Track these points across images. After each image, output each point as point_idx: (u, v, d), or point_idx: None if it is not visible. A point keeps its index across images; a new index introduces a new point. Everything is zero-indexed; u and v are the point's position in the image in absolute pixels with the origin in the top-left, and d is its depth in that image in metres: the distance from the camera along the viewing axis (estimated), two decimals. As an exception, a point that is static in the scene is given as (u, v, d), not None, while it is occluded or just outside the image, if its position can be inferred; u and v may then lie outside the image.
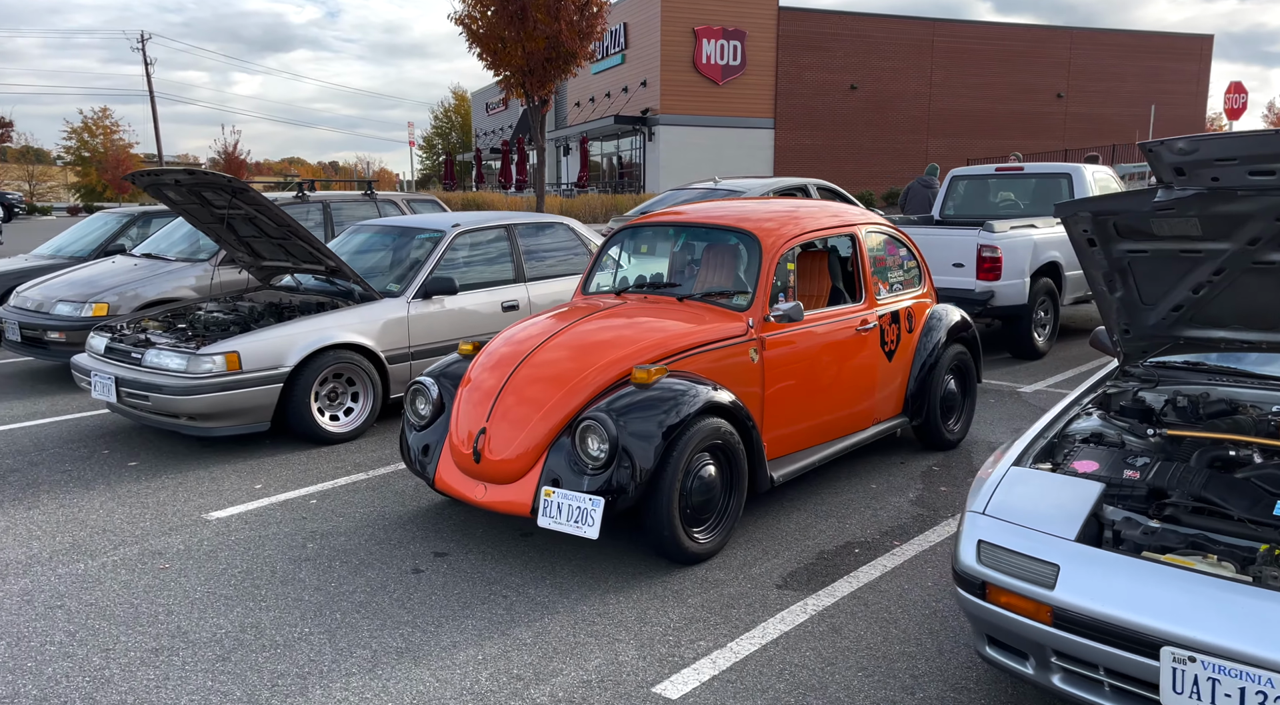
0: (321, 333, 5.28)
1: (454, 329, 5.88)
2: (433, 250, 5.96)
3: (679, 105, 33.49)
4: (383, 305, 5.59)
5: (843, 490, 4.35)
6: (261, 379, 5.05)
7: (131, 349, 5.20)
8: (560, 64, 13.29)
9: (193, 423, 4.97)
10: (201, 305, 6.10)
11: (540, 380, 3.58)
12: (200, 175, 5.18)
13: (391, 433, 5.57)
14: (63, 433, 5.63)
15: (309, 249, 5.58)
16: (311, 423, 5.22)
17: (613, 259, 4.63)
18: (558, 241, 6.69)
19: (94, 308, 6.76)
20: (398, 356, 5.62)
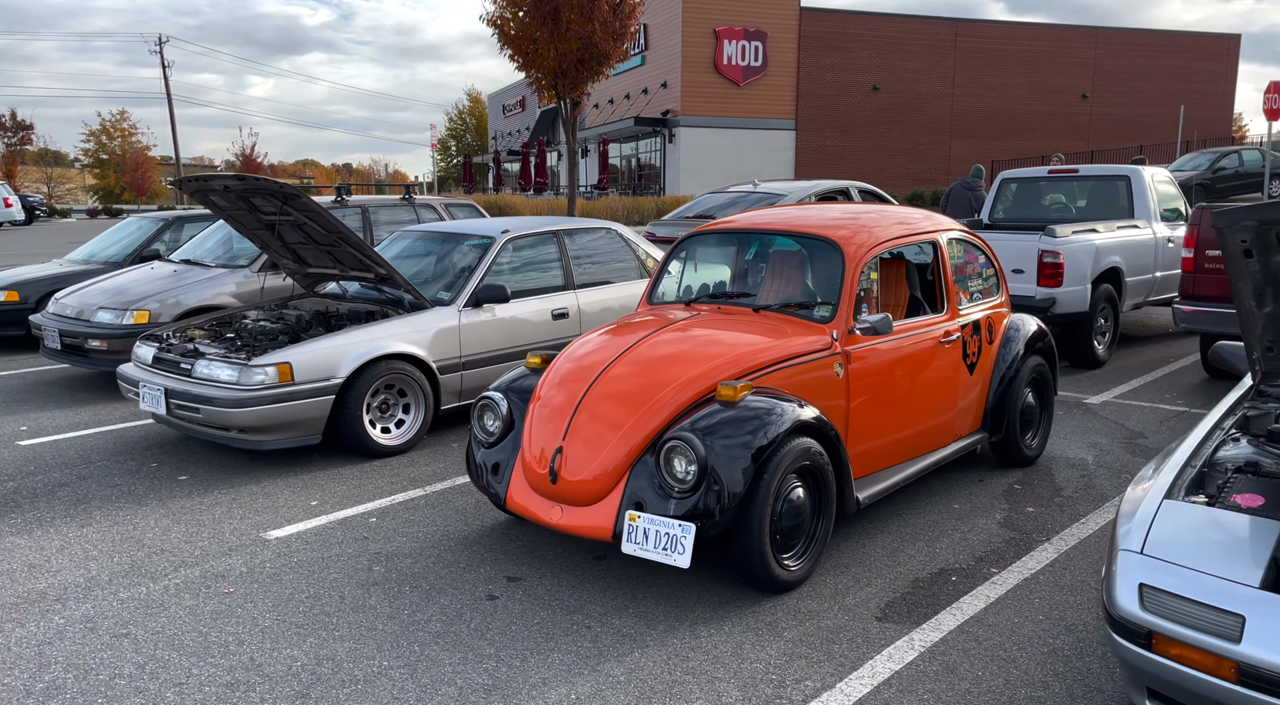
0: (374, 343, 5.14)
1: (505, 338, 5.73)
2: (482, 257, 5.82)
3: (700, 107, 33.30)
4: (434, 314, 5.45)
5: (925, 510, 4.16)
6: (314, 390, 4.92)
7: (180, 359, 5.08)
8: (593, 65, 13.14)
9: (243, 436, 4.84)
10: (247, 314, 5.98)
11: (618, 397, 3.42)
12: (251, 181, 5.06)
13: (443, 445, 5.42)
14: (108, 444, 5.52)
15: (359, 256, 5.45)
16: (364, 435, 5.09)
17: (679, 267, 4.46)
18: (605, 247, 6.53)
19: (135, 315, 6.66)
20: (449, 366, 5.47)
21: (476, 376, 5.63)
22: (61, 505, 4.45)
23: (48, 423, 6.00)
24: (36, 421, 6.03)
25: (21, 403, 6.56)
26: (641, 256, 6.70)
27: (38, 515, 4.31)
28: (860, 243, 3.87)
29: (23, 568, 3.70)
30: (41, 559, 3.79)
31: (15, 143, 57.91)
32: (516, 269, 5.97)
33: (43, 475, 4.92)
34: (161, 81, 60.47)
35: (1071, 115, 36.87)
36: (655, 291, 4.47)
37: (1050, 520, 4.01)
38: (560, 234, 6.28)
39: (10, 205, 34.67)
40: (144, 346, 5.44)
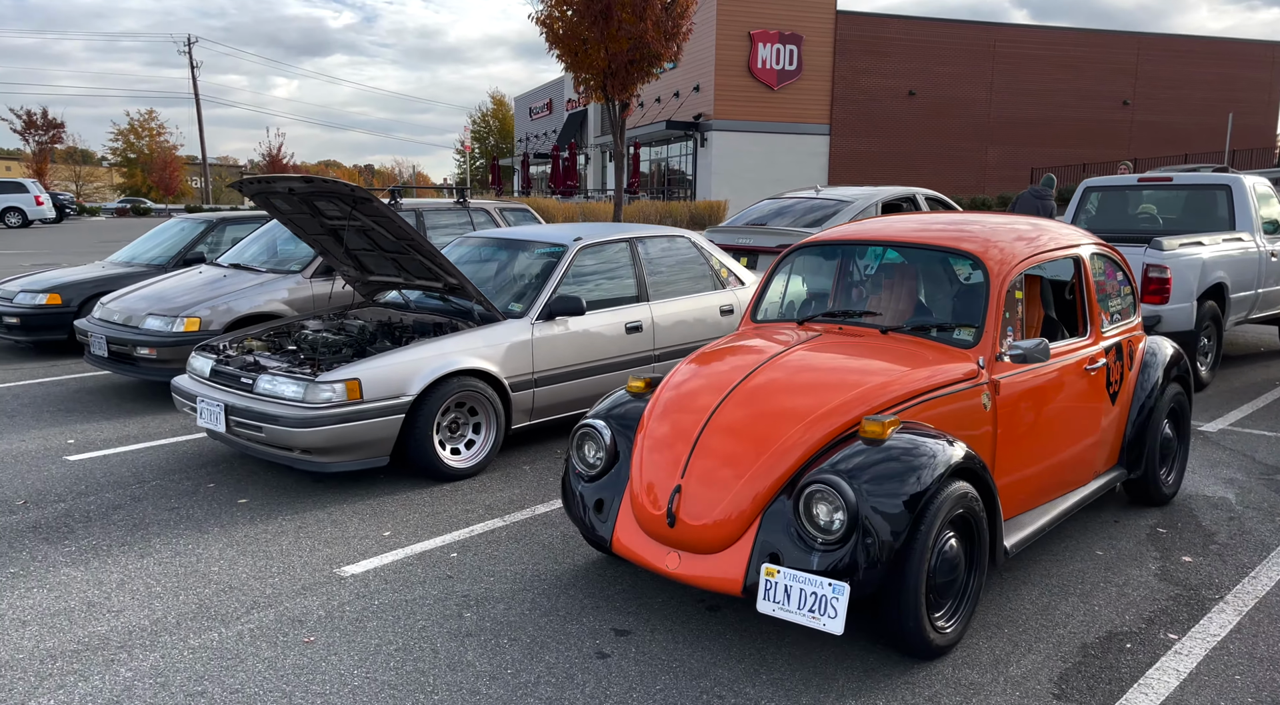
0: (446, 357, 4.80)
1: (577, 353, 5.38)
2: (554, 266, 5.47)
3: (733, 110, 32.93)
4: (506, 327, 5.11)
5: (1065, 558, 3.76)
6: (383, 409, 4.58)
7: (241, 373, 4.76)
8: (643, 66, 12.79)
9: (307, 456, 4.52)
10: (306, 324, 5.67)
11: (743, 431, 3.05)
12: (319, 184, 4.74)
13: (513, 468, 5.07)
14: (160, 460, 5.21)
15: (429, 265, 5.12)
16: (434, 457, 4.75)
17: (784, 281, 4.09)
18: (679, 256, 6.17)
19: (185, 322, 6.37)
20: (521, 383, 5.13)
21: (548, 394, 5.28)
22: (117, 531, 4.14)
23: (95, 436, 5.72)
24: (84, 434, 5.75)
25: (67, 413, 6.28)
26: (715, 267, 6.33)
27: (93, 542, 4.00)
28: (1005, 257, 3.48)
29: (81, 606, 3.38)
30: (101, 596, 3.47)
31: (47, 141, 58.46)
32: (588, 279, 5.62)
33: (95, 496, 4.62)
34: (187, 82, 61.08)
35: (1112, 122, 36.15)
36: (759, 308, 4.10)
37: (1214, 573, 3.59)
38: (633, 242, 5.93)
39: (42, 203, 34.76)
40: (200, 358, 5.13)
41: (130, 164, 66.65)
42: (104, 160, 76.75)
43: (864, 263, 3.91)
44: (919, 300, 3.67)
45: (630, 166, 32.18)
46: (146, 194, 64.70)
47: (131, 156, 66.48)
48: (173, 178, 65.28)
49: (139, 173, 65.97)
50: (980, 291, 3.43)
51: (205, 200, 61.15)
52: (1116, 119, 36.28)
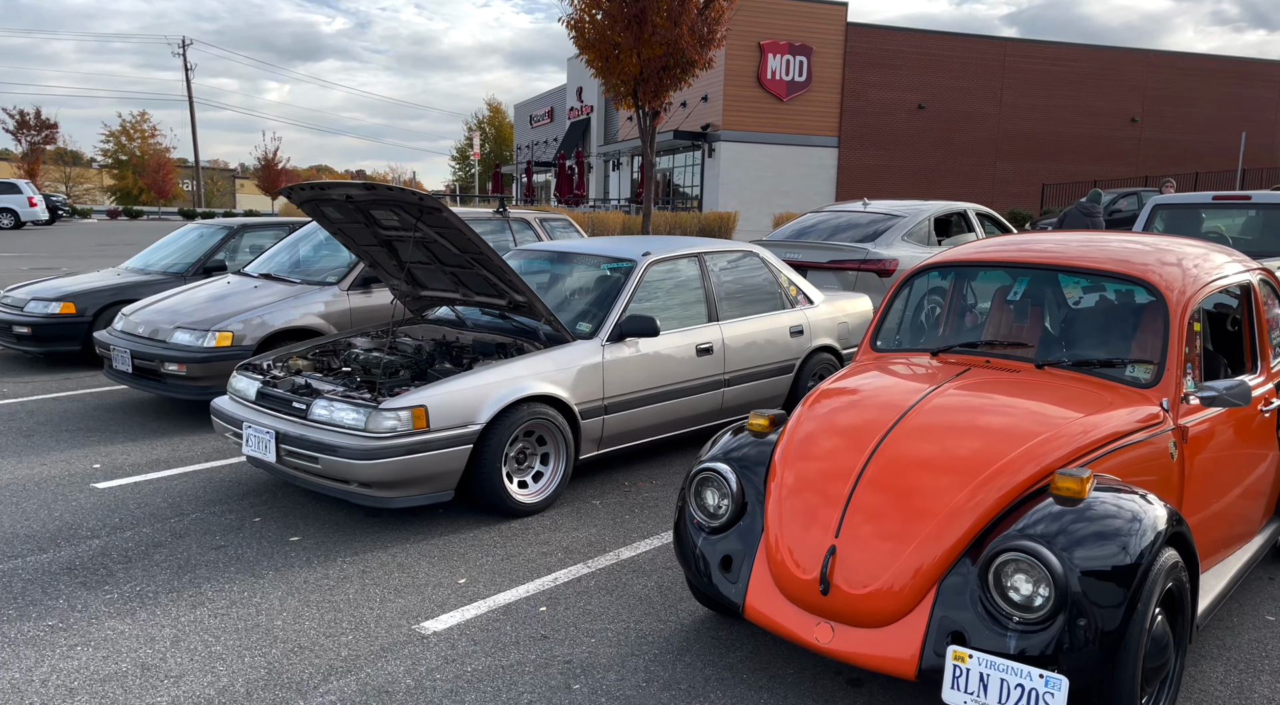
0: (516, 382, 4.41)
1: (648, 377, 4.99)
2: (624, 283, 5.09)
3: (742, 121, 32.65)
4: (575, 349, 4.71)
5: (1235, 625, 3.37)
6: (451, 439, 4.18)
7: (293, 397, 4.35)
8: (676, 73, 12.43)
9: (366, 490, 4.11)
10: (354, 342, 5.27)
11: (910, 485, 2.66)
12: (383, 191, 4.35)
13: (582, 503, 4.67)
14: (197, 489, 4.79)
15: (494, 280, 4.72)
16: (502, 491, 4.34)
17: (904, 305, 3.71)
18: (747, 272, 5.79)
19: (217, 337, 5.95)
20: (591, 410, 4.74)
21: (618, 422, 4.88)
22: (162, 574, 3.72)
23: (122, 460, 5.29)
24: (110, 458, 5.32)
25: (88, 433, 5.85)
26: (784, 284, 5.95)
27: (137, 588, 3.58)
28: (1184, 284, 3.11)
29: (135, 670, 2.96)
30: (155, 656, 3.05)
31: (39, 142, 57.79)
32: (656, 297, 5.23)
33: (131, 530, 4.20)
34: (177, 84, 60.85)
35: (1120, 139, 36.02)
36: (879, 335, 3.72)
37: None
38: (701, 257, 5.55)
39: (35, 205, 34.13)
40: (244, 379, 4.72)
41: (121, 166, 65.91)
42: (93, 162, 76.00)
43: (1006, 286, 3.53)
44: (1077, 331, 3.30)
45: (640, 176, 31.79)
46: (137, 196, 63.95)
47: (123, 158, 65.74)
48: (166, 180, 64.65)
49: (130, 175, 65.23)
50: (1157, 323, 3.06)
51: (197, 204, 60.54)
52: (1124, 136, 36.16)
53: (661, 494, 4.81)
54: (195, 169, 62.88)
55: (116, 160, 66.49)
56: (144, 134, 66.07)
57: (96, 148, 74.03)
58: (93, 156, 74.74)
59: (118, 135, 65.57)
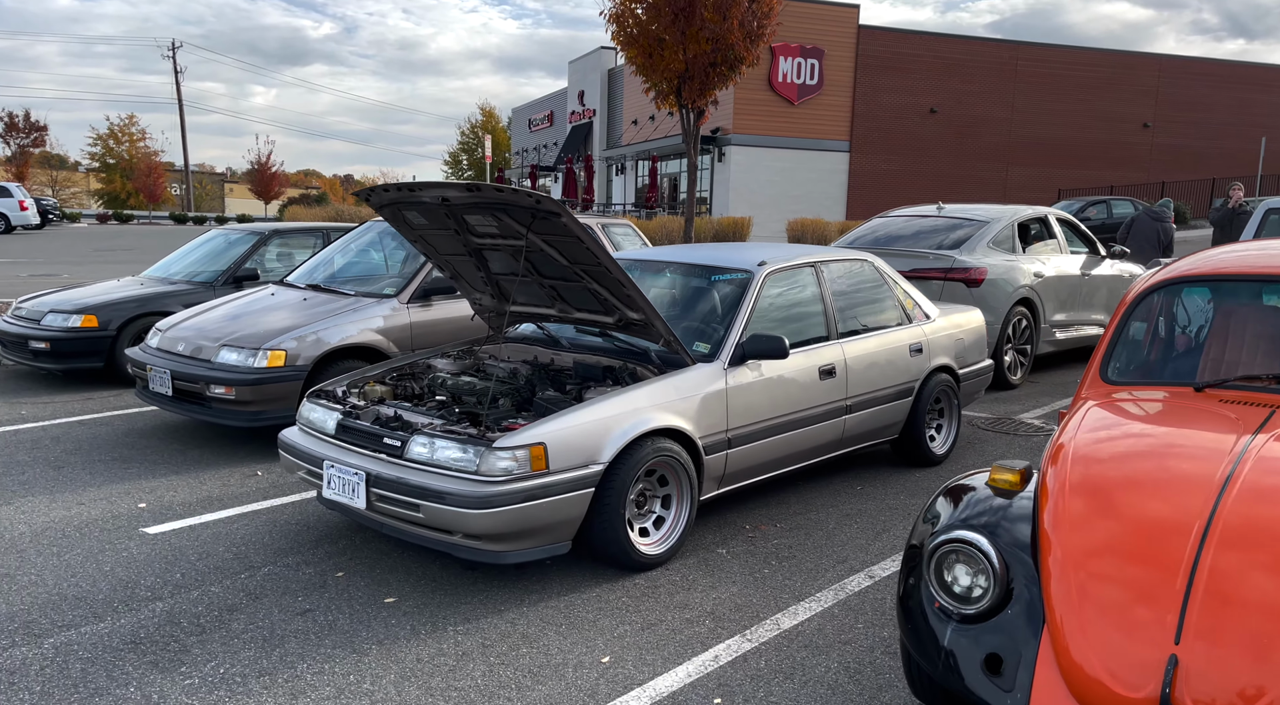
0: (639, 415, 3.82)
1: (771, 405, 4.41)
2: (741, 297, 4.51)
3: (752, 125, 32.15)
4: (695, 374, 4.13)
5: None
6: (572, 481, 3.59)
7: (384, 432, 3.76)
8: (724, 70, 11.86)
9: (474, 543, 3.51)
10: (433, 363, 4.68)
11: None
12: (489, 193, 3.76)
13: (706, 552, 4.08)
14: (262, 535, 4.18)
15: (605, 295, 4.13)
16: (625, 541, 3.75)
17: (1145, 327, 3.15)
18: (863, 283, 5.22)
19: (269, 356, 5.34)
20: (714, 444, 4.15)
21: (741, 457, 4.30)
22: (246, 650, 3.12)
23: (170, 497, 4.68)
24: (155, 495, 4.71)
25: (125, 464, 5.23)
26: (900, 296, 5.39)
27: (220, 669, 2.98)
28: None
29: (243, 794, 2.37)
30: (263, 772, 2.46)
31: (28, 145, 56.83)
32: (771, 312, 4.65)
33: (198, 589, 3.60)
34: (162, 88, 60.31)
35: (1133, 145, 35.70)
36: (1111, 362, 3.14)
37: None
38: (817, 266, 4.98)
39: (26, 208, 33.36)
40: (318, 408, 4.12)
41: (109, 169, 64.94)
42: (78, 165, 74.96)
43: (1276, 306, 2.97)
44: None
45: (650, 180, 31.27)
46: (125, 200, 63.00)
47: (111, 162, 64.77)
48: (157, 184, 63.76)
49: (118, 178, 64.28)
50: None
51: (187, 208, 59.69)
52: (1136, 141, 35.85)
53: (791, 539, 4.23)
54: (185, 173, 62.00)
55: (104, 164, 65.52)
56: (132, 137, 65.17)
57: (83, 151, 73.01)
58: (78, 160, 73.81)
59: (105, 138, 64.62)
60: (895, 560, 3.94)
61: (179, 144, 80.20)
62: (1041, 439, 6.04)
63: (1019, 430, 6.26)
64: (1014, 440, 6.01)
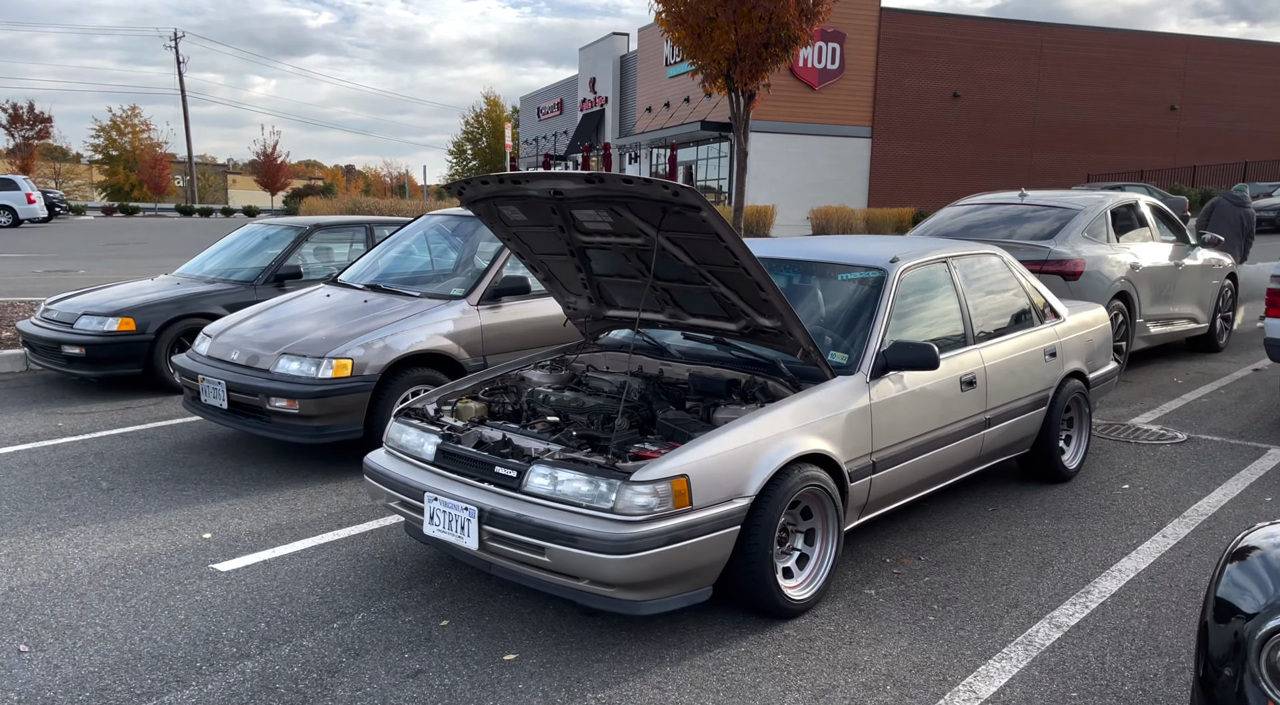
0: (784, 438, 3.33)
1: (914, 422, 3.91)
2: (877, 299, 4.00)
3: (772, 111, 31.42)
4: (836, 388, 3.63)
5: None
6: (718, 519, 3.11)
7: (495, 460, 3.27)
8: (777, 51, 11.29)
9: (605, 591, 3.03)
10: (526, 376, 4.20)
11: None
12: (615, 184, 3.26)
13: (853, 593, 3.60)
14: (346, 573, 3.71)
15: (734, 299, 3.64)
16: (773, 585, 3.27)
17: None
18: (993, 280, 4.71)
19: (334, 366, 4.86)
20: (859, 469, 3.66)
21: (884, 482, 3.81)
22: (362, 729, 2.65)
23: (236, 526, 4.21)
24: (219, 523, 4.24)
25: (180, 485, 4.76)
26: (1031, 293, 4.89)
27: (337, 757, 2.51)
28: None
29: None
30: None
31: (33, 137, 56.30)
32: (908, 316, 4.16)
33: (288, 643, 3.13)
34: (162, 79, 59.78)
35: (1160, 128, 35.02)
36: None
37: None
38: (949, 262, 4.47)
39: (34, 202, 32.84)
40: (411, 430, 3.64)
41: (113, 161, 64.33)
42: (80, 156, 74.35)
43: None
44: None
45: (669, 169, 30.71)
46: (129, 192, 62.45)
47: (114, 154, 64.16)
48: (162, 176, 63.21)
49: (121, 170, 63.71)
50: None
51: (191, 200, 59.15)
52: (1163, 125, 35.16)
53: (943, 576, 3.74)
54: (189, 164, 61.50)
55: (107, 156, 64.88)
56: (135, 129, 64.54)
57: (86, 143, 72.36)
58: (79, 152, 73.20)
59: (108, 130, 63.99)
60: (1076, 605, 3.45)
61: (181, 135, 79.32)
62: (1168, 447, 5.54)
63: (1139, 437, 5.76)
64: (1140, 449, 5.51)
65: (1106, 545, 4.03)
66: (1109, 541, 4.07)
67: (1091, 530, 4.20)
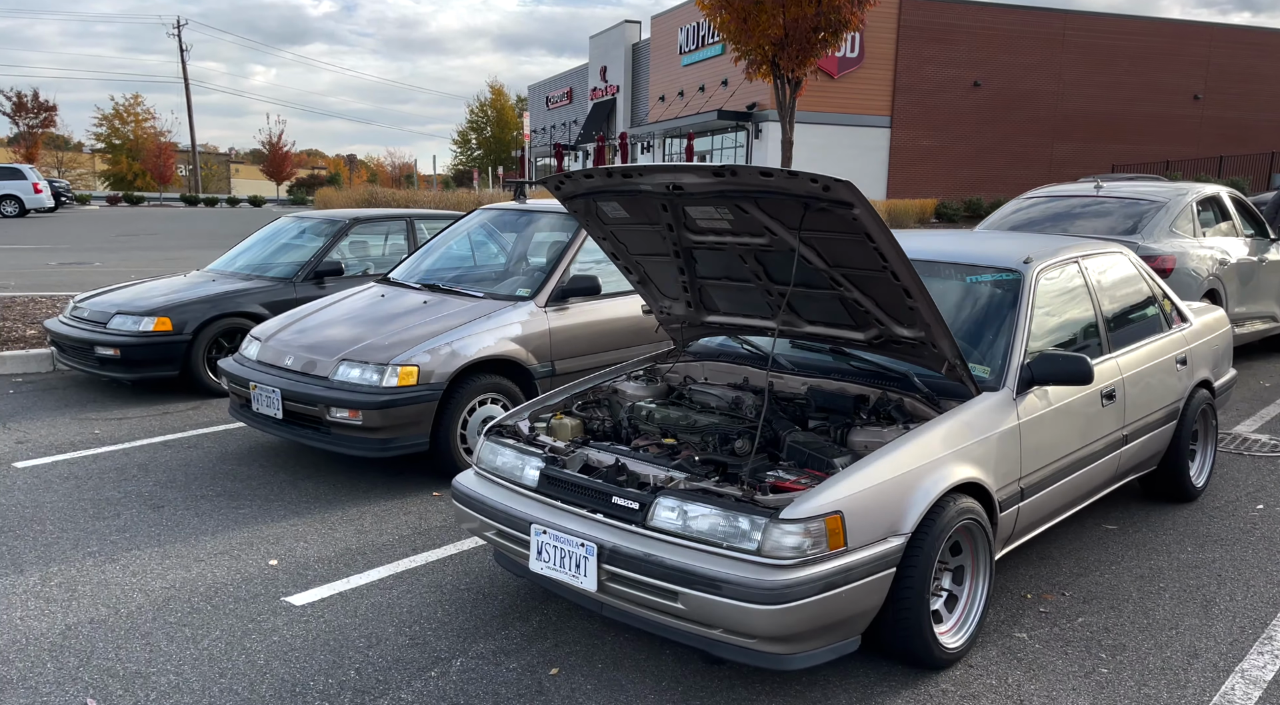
0: (938, 466, 2.95)
1: (1058, 442, 3.52)
2: (1015, 304, 3.61)
3: (790, 100, 30.97)
4: (984, 406, 3.24)
5: None
6: (874, 561, 2.73)
7: (611, 489, 2.90)
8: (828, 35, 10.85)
9: (746, 642, 2.66)
10: (619, 387, 3.82)
11: None
12: (752, 177, 2.87)
13: (1000, 636, 3.22)
14: (431, 607, 3.35)
15: (869, 307, 3.25)
16: (928, 632, 2.89)
17: None
18: (1124, 282, 4.31)
19: (399, 374, 4.49)
20: (1008, 497, 3.29)
21: (1030, 509, 3.44)
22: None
23: (304, 552, 3.84)
24: (285, 548, 3.87)
25: (234, 503, 4.39)
26: (1159, 296, 4.50)
27: None
28: None
29: None
30: None
31: (37, 125, 55.78)
32: (1041, 322, 3.76)
33: (386, 696, 2.76)
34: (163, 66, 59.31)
35: (1183, 118, 34.40)
36: None
37: None
38: (1080, 261, 4.08)
39: (40, 191, 32.46)
40: (504, 450, 3.27)
41: (115, 150, 63.73)
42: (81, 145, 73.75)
43: None
44: None
45: (686, 158, 30.21)
46: (132, 181, 61.91)
47: (117, 143, 63.56)
48: (167, 165, 62.71)
49: (124, 159, 63.14)
50: None
51: (195, 189, 58.64)
52: (1186, 114, 34.54)
53: (1098, 615, 3.36)
54: (192, 153, 60.92)
55: (109, 144, 64.24)
56: (138, 118, 63.89)
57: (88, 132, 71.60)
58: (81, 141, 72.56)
59: (111, 119, 63.33)
60: (1264, 655, 3.07)
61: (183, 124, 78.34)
62: (1286, 462, 5.16)
63: (1250, 449, 5.38)
64: (1258, 462, 5.13)
65: (1268, 578, 3.65)
66: (1269, 573, 3.69)
67: (1244, 560, 3.82)
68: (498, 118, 73.10)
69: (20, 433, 5.48)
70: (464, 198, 25.45)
